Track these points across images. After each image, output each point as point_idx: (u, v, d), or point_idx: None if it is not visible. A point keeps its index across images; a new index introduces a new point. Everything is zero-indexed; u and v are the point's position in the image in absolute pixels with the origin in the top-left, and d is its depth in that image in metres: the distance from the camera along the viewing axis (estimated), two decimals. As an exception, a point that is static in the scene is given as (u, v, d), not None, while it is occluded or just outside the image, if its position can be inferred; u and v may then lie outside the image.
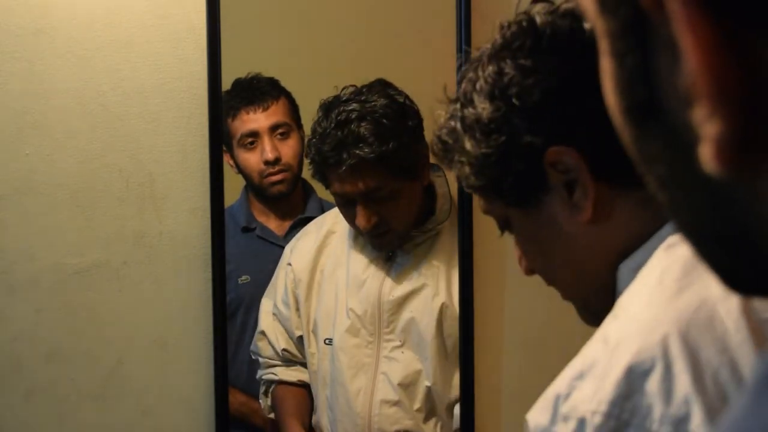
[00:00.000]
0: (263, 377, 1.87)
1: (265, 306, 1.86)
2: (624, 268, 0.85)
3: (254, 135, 1.82)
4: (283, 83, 1.85)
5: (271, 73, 1.84)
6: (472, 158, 0.86)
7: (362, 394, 1.79)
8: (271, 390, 1.87)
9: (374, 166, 1.69)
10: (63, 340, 1.67)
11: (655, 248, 0.80)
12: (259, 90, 1.83)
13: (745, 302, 0.73)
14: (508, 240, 1.86)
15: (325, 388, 1.82)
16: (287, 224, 1.89)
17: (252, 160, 1.83)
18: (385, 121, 1.70)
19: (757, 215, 0.32)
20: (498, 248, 1.86)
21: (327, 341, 1.82)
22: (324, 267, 1.84)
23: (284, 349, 1.86)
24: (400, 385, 1.79)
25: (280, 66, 1.86)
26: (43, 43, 1.64)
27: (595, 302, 0.91)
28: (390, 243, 1.79)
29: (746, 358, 0.71)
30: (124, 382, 1.70)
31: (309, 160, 1.76)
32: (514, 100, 0.81)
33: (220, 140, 1.73)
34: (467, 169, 0.87)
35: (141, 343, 1.70)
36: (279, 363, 1.87)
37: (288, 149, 1.84)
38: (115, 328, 1.69)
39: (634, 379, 0.72)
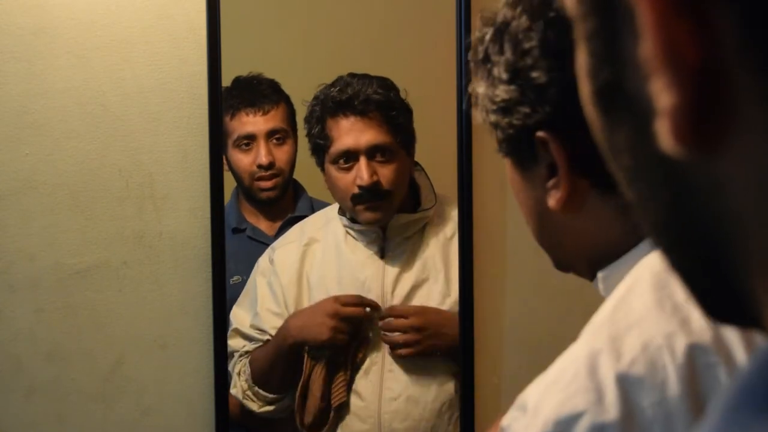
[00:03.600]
0: (239, 361, 1.83)
1: (240, 318, 1.83)
2: (601, 275, 0.86)
3: (250, 138, 1.82)
4: (282, 83, 1.85)
5: (270, 73, 1.84)
6: (489, 88, 0.84)
7: (371, 393, 1.79)
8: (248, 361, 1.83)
9: (380, 121, 1.77)
10: (63, 340, 1.67)
11: (631, 264, 0.80)
12: (261, 93, 1.83)
13: (693, 345, 0.71)
14: (509, 240, 1.87)
15: None
16: (278, 224, 1.89)
17: (245, 161, 1.83)
18: (392, 88, 1.81)
19: (717, 208, 0.31)
20: (498, 249, 1.86)
21: None
22: (309, 276, 1.83)
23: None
24: (409, 381, 1.79)
25: (279, 66, 1.86)
26: (43, 43, 1.64)
27: (566, 266, 0.92)
28: (384, 214, 1.80)
29: (681, 414, 0.69)
30: (124, 382, 1.70)
31: (312, 107, 1.79)
32: (531, 72, 0.80)
33: (220, 140, 1.73)
34: (481, 90, 0.86)
35: (141, 343, 1.70)
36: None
37: (282, 154, 1.84)
38: (115, 328, 1.69)
39: (563, 422, 0.70)
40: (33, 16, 1.63)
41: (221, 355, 1.71)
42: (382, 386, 1.79)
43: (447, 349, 1.80)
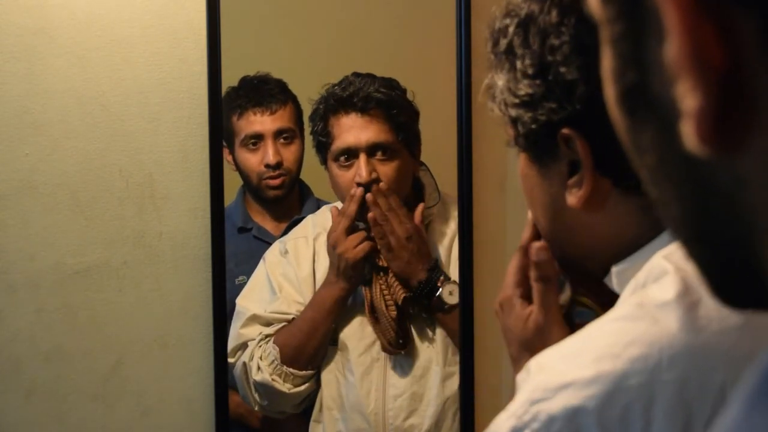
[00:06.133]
0: (259, 346, 1.81)
1: (253, 307, 1.81)
2: (615, 269, 0.85)
3: (258, 137, 1.83)
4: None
5: (271, 73, 1.84)
6: (511, 82, 0.83)
7: (374, 390, 1.79)
8: (270, 342, 1.81)
9: (381, 119, 1.77)
10: (63, 340, 1.67)
11: (647, 258, 0.79)
12: (268, 93, 1.83)
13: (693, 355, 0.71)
14: (509, 240, 1.87)
15: (328, 387, 1.82)
16: (283, 225, 1.89)
17: (253, 160, 1.83)
18: (396, 88, 1.82)
19: (739, 203, 0.32)
20: (498, 249, 1.86)
21: (330, 342, 1.82)
22: (317, 270, 1.83)
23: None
24: (412, 377, 1.79)
25: (279, 66, 1.86)
26: (43, 43, 1.64)
27: (572, 263, 0.91)
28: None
29: (666, 398, 0.69)
30: (124, 382, 1.70)
31: (317, 105, 1.80)
32: (560, 68, 0.79)
33: (220, 140, 1.73)
34: (501, 83, 0.84)
35: (141, 343, 1.70)
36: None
37: (290, 154, 1.84)
38: (115, 328, 1.69)
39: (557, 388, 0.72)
40: (33, 16, 1.63)
41: (221, 355, 1.71)
42: (386, 383, 1.80)
43: (402, 268, 1.78)
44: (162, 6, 1.68)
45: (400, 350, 1.79)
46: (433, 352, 1.81)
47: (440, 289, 1.78)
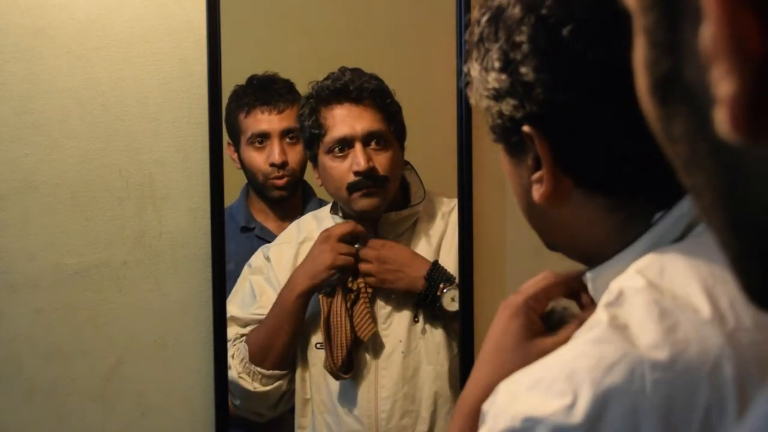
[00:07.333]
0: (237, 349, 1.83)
1: (234, 312, 1.81)
2: (589, 275, 0.85)
3: (264, 136, 1.83)
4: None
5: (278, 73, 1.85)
6: (482, 72, 0.82)
7: (366, 392, 1.79)
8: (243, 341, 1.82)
9: (374, 109, 1.78)
10: (63, 340, 1.67)
11: (621, 267, 0.78)
12: (276, 92, 1.83)
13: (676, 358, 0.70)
14: (509, 240, 1.87)
15: (319, 392, 1.82)
16: (286, 224, 1.89)
17: (258, 159, 1.83)
18: (383, 82, 1.83)
19: None
20: (498, 249, 1.86)
21: (318, 345, 1.82)
22: None
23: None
24: (403, 378, 1.79)
25: (279, 66, 1.86)
26: (43, 43, 1.64)
27: (554, 248, 0.91)
28: (379, 201, 1.80)
29: (651, 426, 0.67)
30: (124, 382, 1.70)
31: (306, 100, 1.80)
32: (520, 67, 0.78)
33: (220, 140, 1.73)
34: (475, 73, 0.84)
35: (141, 343, 1.70)
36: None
37: (295, 154, 1.84)
38: (115, 328, 1.69)
39: (531, 420, 0.70)
40: (33, 16, 1.63)
41: (221, 355, 1.71)
42: (377, 384, 1.79)
43: (404, 288, 1.79)
44: (162, 6, 1.68)
45: (344, 375, 1.77)
46: (423, 352, 1.81)
47: (441, 298, 1.77)
